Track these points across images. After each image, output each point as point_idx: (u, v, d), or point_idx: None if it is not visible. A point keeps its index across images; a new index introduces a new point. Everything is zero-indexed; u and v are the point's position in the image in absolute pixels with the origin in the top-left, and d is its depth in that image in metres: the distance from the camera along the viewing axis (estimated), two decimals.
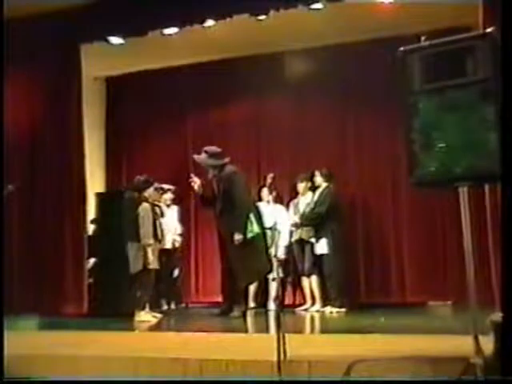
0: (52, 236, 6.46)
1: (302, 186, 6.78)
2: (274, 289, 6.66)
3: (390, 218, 7.20)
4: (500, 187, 2.80)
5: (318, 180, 6.68)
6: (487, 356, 2.48)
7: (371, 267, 7.13)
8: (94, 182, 7.72)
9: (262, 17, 6.09)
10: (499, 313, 2.49)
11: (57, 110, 6.68)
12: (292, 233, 6.61)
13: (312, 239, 6.48)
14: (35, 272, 6.36)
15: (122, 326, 5.23)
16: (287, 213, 6.87)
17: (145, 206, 5.98)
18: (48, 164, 6.61)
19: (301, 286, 6.77)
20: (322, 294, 6.48)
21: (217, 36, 6.54)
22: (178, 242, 7.10)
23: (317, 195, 6.62)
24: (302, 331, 4.93)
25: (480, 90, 2.54)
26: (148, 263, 5.82)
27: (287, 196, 7.21)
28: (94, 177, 7.77)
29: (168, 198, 7.03)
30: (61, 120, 6.65)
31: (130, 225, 5.90)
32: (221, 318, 5.85)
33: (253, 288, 6.65)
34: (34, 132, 6.75)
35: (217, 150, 6.10)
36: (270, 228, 5.81)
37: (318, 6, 5.93)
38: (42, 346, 3.87)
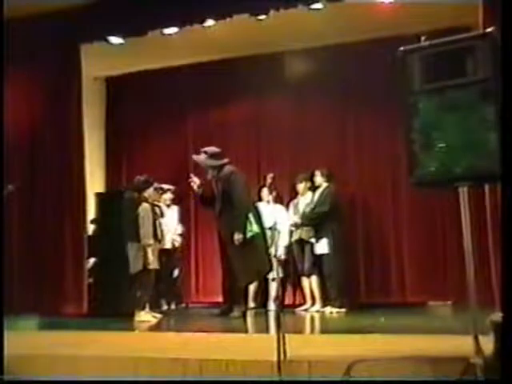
0: (52, 236, 6.46)
1: (301, 187, 6.77)
2: (273, 289, 6.66)
3: (389, 218, 7.20)
4: (500, 187, 2.80)
5: (318, 180, 6.68)
6: (487, 356, 2.48)
7: (371, 267, 7.13)
8: (94, 182, 7.72)
9: (262, 17, 6.09)
10: (499, 313, 2.49)
11: (57, 110, 6.68)
12: (292, 233, 6.61)
13: (312, 239, 6.48)
14: (35, 272, 6.36)
15: (122, 325, 5.23)
16: (287, 213, 6.87)
17: (145, 206, 5.98)
18: (48, 164, 6.61)
19: (301, 286, 6.76)
20: (321, 294, 6.47)
21: (217, 36, 6.54)
22: (178, 242, 7.10)
23: (317, 195, 6.62)
24: (302, 331, 4.93)
25: (480, 90, 2.54)
26: (148, 263, 5.82)
27: (287, 196, 7.20)
28: (94, 177, 7.77)
29: (168, 198, 7.04)
30: (61, 120, 6.65)
31: (130, 225, 5.90)
32: (221, 318, 5.85)
33: (253, 288, 6.65)
34: (34, 132, 6.75)
35: (216, 150, 6.09)
36: (270, 228, 5.81)
37: (318, 5, 5.93)
38: (42, 346, 3.88)
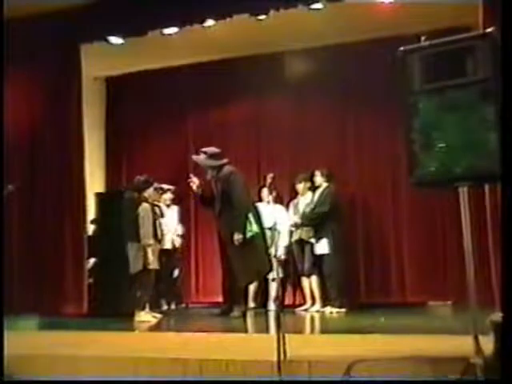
0: (52, 236, 6.46)
1: (300, 187, 6.77)
2: (274, 289, 6.66)
3: (389, 218, 7.20)
4: (500, 187, 2.80)
5: (318, 180, 6.68)
6: (487, 356, 2.48)
7: (371, 267, 7.13)
8: (94, 182, 7.72)
9: (262, 17, 6.09)
10: (499, 313, 2.49)
11: (57, 110, 6.68)
12: (292, 233, 6.61)
13: (312, 239, 6.48)
14: (35, 272, 6.36)
15: (122, 325, 5.23)
16: (287, 213, 6.87)
17: (145, 206, 5.98)
18: (48, 164, 6.61)
19: (301, 286, 6.76)
20: (321, 294, 6.47)
21: (217, 36, 6.54)
22: (178, 242, 7.10)
23: (317, 195, 6.62)
24: (302, 331, 4.93)
25: (480, 90, 2.54)
26: (148, 263, 5.82)
27: (287, 196, 7.20)
28: (94, 177, 7.77)
29: (168, 198, 7.04)
30: (61, 120, 6.65)
31: (130, 225, 5.90)
32: (221, 318, 5.85)
33: (253, 288, 6.66)
34: (34, 132, 6.75)
35: (215, 150, 6.09)
36: (270, 228, 5.82)
37: (318, 5, 5.93)
38: (42, 345, 3.88)
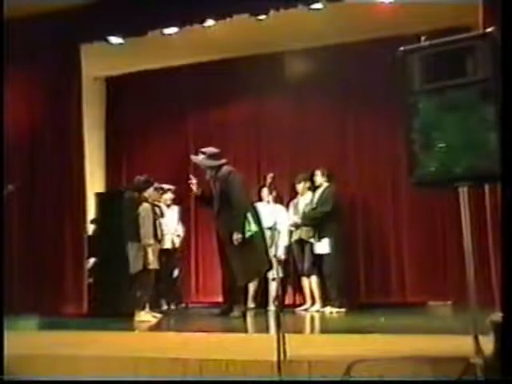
0: (52, 236, 6.46)
1: (300, 187, 6.77)
2: (273, 289, 6.66)
3: (389, 218, 7.20)
4: (500, 187, 2.80)
5: (319, 180, 6.67)
6: (487, 356, 2.48)
7: (371, 267, 7.13)
8: (94, 182, 7.72)
9: (262, 17, 6.09)
10: (499, 313, 2.49)
11: (57, 110, 6.68)
12: (292, 233, 6.61)
13: (312, 239, 6.48)
14: (35, 272, 6.36)
15: (122, 325, 5.23)
16: (287, 213, 6.87)
17: (145, 206, 5.98)
18: (48, 164, 6.61)
19: (301, 285, 6.76)
20: (321, 294, 6.47)
21: (217, 36, 6.53)
22: (178, 242, 7.10)
23: (318, 195, 6.61)
24: (302, 331, 4.93)
25: (480, 90, 2.54)
26: (148, 263, 5.82)
27: (287, 196, 7.20)
28: (94, 177, 7.77)
29: (168, 197, 7.04)
30: (61, 120, 6.65)
31: (131, 225, 5.90)
32: (221, 318, 5.85)
33: (253, 288, 6.66)
34: (34, 132, 6.75)
35: (214, 150, 6.10)
36: (270, 228, 5.82)
37: (318, 5, 5.93)
38: (42, 346, 3.88)
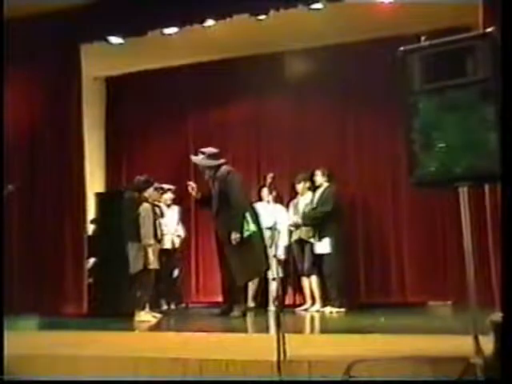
0: (52, 236, 6.46)
1: (300, 187, 6.77)
2: (273, 289, 6.66)
3: (389, 218, 7.20)
4: (500, 187, 2.80)
5: (319, 180, 6.67)
6: (487, 356, 2.48)
7: (371, 267, 7.13)
8: (94, 182, 7.72)
9: (262, 17, 6.09)
10: (499, 313, 2.49)
11: (57, 110, 6.67)
12: (291, 233, 6.61)
13: (311, 239, 6.48)
14: (35, 272, 6.36)
15: (122, 325, 5.23)
16: (287, 213, 6.87)
17: (145, 206, 5.98)
18: (48, 164, 6.61)
19: (301, 286, 6.77)
20: (321, 294, 6.47)
21: (217, 36, 6.53)
22: (178, 242, 7.10)
23: (318, 194, 6.61)
24: (302, 331, 4.93)
25: (480, 90, 2.54)
26: (148, 263, 5.82)
27: (287, 196, 7.20)
28: (94, 177, 7.77)
29: (168, 197, 7.04)
30: (61, 120, 6.64)
31: (131, 225, 5.89)
32: (221, 318, 5.85)
33: (253, 288, 6.66)
34: (34, 132, 6.75)
35: (213, 150, 6.10)
36: (270, 228, 5.81)
37: (318, 5, 5.93)
38: (42, 346, 3.88)
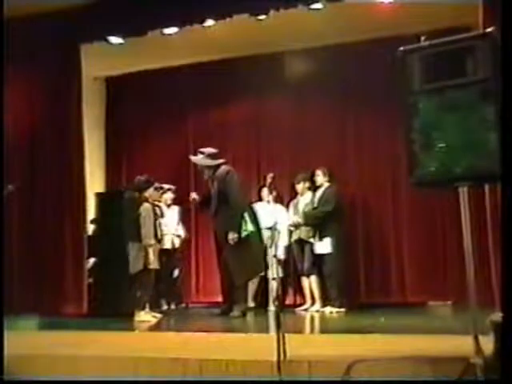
0: (52, 236, 6.45)
1: (300, 187, 6.77)
2: (274, 289, 6.66)
3: (389, 218, 7.20)
4: (500, 187, 2.80)
5: (320, 179, 6.67)
6: (487, 356, 2.48)
7: (371, 267, 7.13)
8: (94, 182, 7.72)
9: (262, 17, 6.08)
10: (499, 313, 2.49)
11: (57, 110, 6.67)
12: (291, 233, 6.61)
13: (311, 239, 6.48)
14: (35, 272, 6.35)
15: (122, 325, 5.23)
16: (287, 213, 6.87)
17: (146, 206, 5.97)
18: (48, 164, 6.60)
19: (301, 286, 6.76)
20: (321, 294, 6.47)
21: (217, 36, 6.53)
22: (178, 242, 7.10)
23: (319, 194, 6.61)
24: (302, 331, 4.93)
25: (480, 90, 2.54)
26: (149, 263, 5.82)
27: (287, 196, 7.20)
28: (94, 177, 7.77)
29: (168, 197, 7.04)
30: (61, 120, 6.64)
31: (131, 225, 5.89)
32: (221, 318, 5.85)
33: (253, 288, 6.66)
34: (34, 132, 6.74)
35: (212, 150, 6.11)
36: (270, 228, 5.81)
37: (318, 5, 5.93)
38: (42, 346, 3.87)
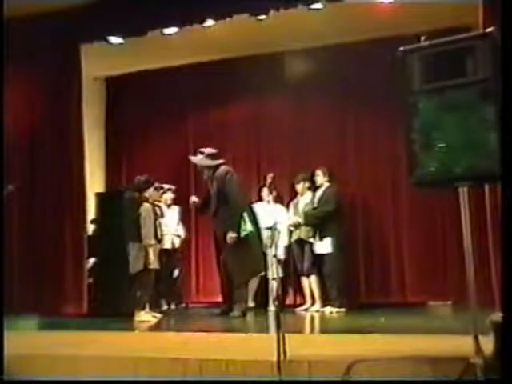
0: (52, 236, 6.45)
1: (300, 187, 6.77)
2: (274, 289, 6.66)
3: (389, 218, 7.20)
4: (500, 187, 2.80)
5: (320, 179, 6.67)
6: (487, 356, 2.48)
7: (371, 267, 7.13)
8: (94, 182, 7.72)
9: (262, 17, 6.08)
10: (499, 313, 2.49)
11: (57, 110, 6.67)
12: (291, 233, 6.61)
13: (311, 239, 6.48)
14: (35, 272, 6.35)
15: (122, 325, 5.23)
16: (287, 213, 6.87)
17: (146, 207, 5.97)
18: (48, 164, 6.60)
19: (301, 286, 6.76)
20: (321, 294, 6.47)
21: (217, 36, 6.53)
22: (178, 242, 7.10)
23: (319, 194, 6.60)
24: (302, 331, 4.93)
25: (480, 90, 2.54)
26: (149, 263, 5.82)
27: (287, 196, 7.20)
28: (94, 177, 7.77)
29: (168, 197, 7.04)
30: (61, 120, 6.64)
31: (132, 225, 5.89)
32: (221, 318, 5.85)
33: (253, 288, 6.66)
34: (34, 132, 6.74)
35: (212, 150, 6.12)
36: (270, 228, 5.82)
37: (317, 5, 5.92)
38: (42, 345, 3.87)
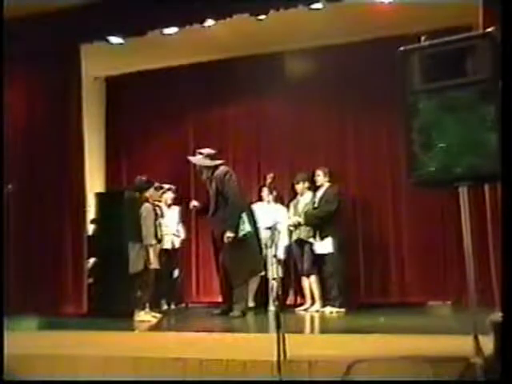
0: (52, 236, 6.44)
1: (299, 187, 6.76)
2: (274, 289, 6.65)
3: (389, 218, 7.19)
4: (500, 187, 2.80)
5: (320, 179, 6.67)
6: (487, 356, 2.48)
7: (371, 267, 7.13)
8: (94, 182, 7.72)
9: (262, 17, 6.08)
10: (499, 313, 2.49)
11: (57, 110, 6.67)
12: (291, 233, 6.61)
13: (311, 239, 6.48)
14: (35, 272, 6.35)
15: (122, 325, 5.23)
16: (287, 213, 6.87)
17: (147, 206, 5.97)
18: (48, 164, 6.60)
19: (301, 286, 6.76)
20: (321, 294, 6.47)
21: (217, 36, 6.54)
22: (178, 242, 7.10)
23: (320, 194, 6.60)
24: (302, 331, 4.94)
25: (480, 90, 2.54)
26: (149, 263, 5.82)
27: (287, 196, 7.20)
28: (94, 177, 7.77)
29: (168, 197, 7.04)
30: (61, 120, 6.64)
31: (132, 225, 5.89)
32: (221, 318, 5.85)
33: (253, 288, 6.65)
34: (34, 132, 6.74)
35: (211, 151, 6.13)
36: (270, 228, 5.82)
37: (318, 5, 5.92)
38: (42, 346, 3.87)
